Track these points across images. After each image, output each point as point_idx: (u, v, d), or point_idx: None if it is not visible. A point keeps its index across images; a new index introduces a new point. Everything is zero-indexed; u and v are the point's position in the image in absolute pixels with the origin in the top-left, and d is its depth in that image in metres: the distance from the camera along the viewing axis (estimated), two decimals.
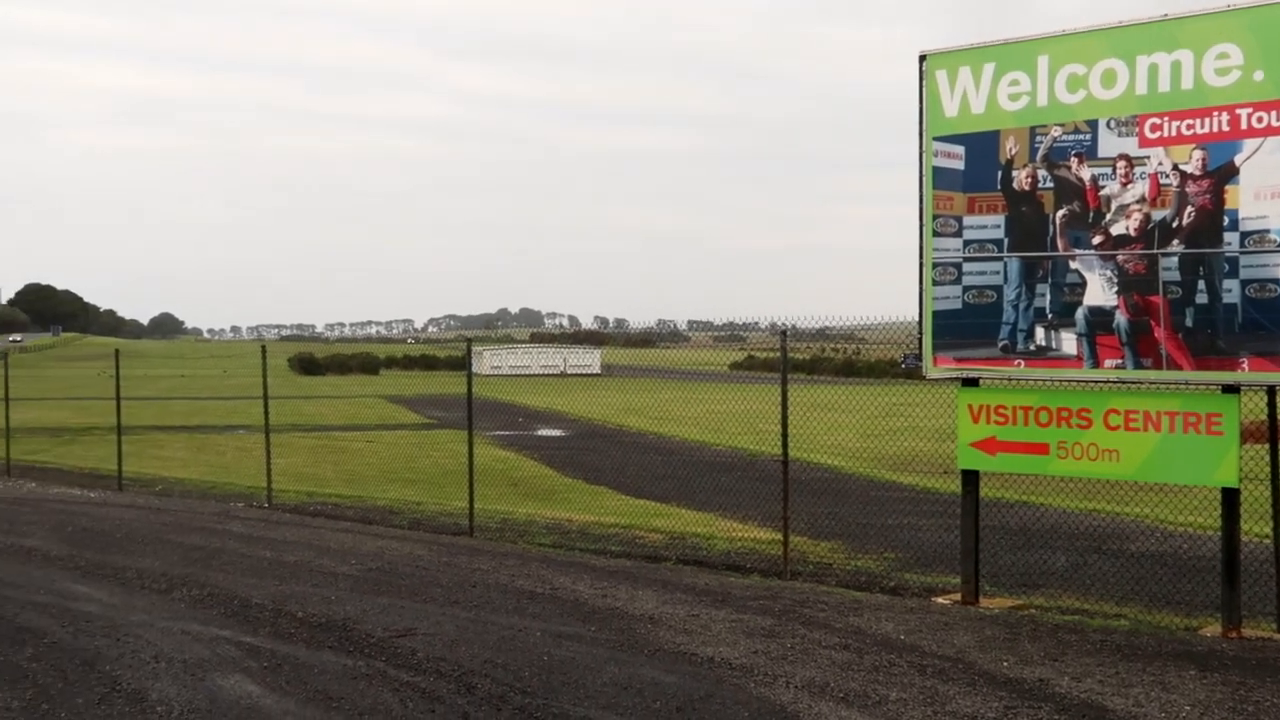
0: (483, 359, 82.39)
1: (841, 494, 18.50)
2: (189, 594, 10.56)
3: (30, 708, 7.16)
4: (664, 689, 7.46)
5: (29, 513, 16.58)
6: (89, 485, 21.44)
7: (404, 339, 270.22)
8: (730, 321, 47.77)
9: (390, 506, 18.19)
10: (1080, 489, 15.52)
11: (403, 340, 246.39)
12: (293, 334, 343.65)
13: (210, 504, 18.43)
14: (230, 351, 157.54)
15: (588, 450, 28.97)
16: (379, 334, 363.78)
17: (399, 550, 13.29)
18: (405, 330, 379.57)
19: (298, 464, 25.28)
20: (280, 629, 9.15)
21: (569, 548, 13.95)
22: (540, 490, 20.64)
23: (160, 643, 8.69)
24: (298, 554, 12.86)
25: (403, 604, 10.13)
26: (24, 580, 11.28)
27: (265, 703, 7.21)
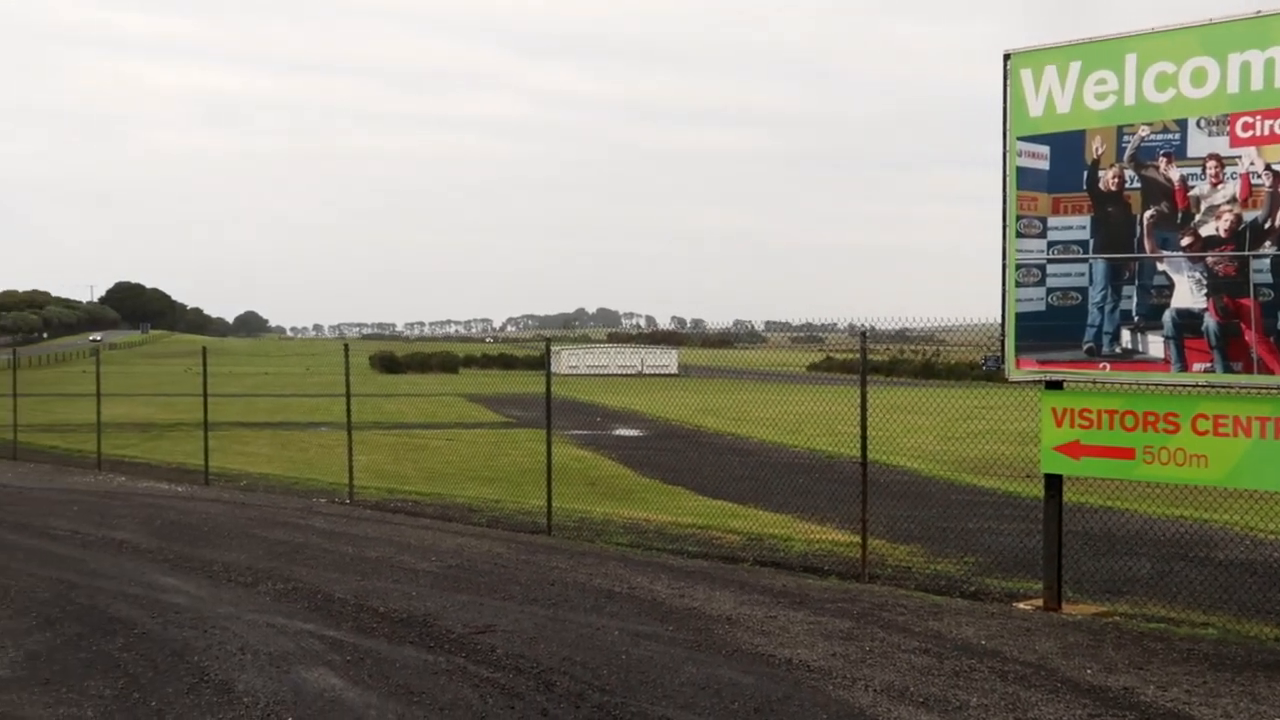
0: (560, 359, 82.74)
1: (920, 497, 18.35)
2: (274, 588, 10.74)
3: (122, 696, 7.34)
4: (742, 690, 7.45)
5: (119, 506, 16.96)
6: (176, 480, 21.87)
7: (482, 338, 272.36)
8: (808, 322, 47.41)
9: (469, 504, 18.34)
10: (1166, 494, 15.22)
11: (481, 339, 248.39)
12: (373, 332, 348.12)
13: (293, 500, 18.72)
14: (312, 349, 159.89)
15: (665, 450, 28.98)
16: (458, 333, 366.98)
17: (478, 548, 13.41)
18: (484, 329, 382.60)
19: (378, 461, 25.58)
20: (362, 623, 9.28)
21: (646, 547, 13.98)
22: (617, 490, 20.69)
23: (246, 635, 8.86)
24: (379, 550, 13.02)
25: (482, 601, 10.22)
26: (115, 572, 11.56)
27: (348, 696, 7.32)
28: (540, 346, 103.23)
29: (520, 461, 25.46)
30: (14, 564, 11.98)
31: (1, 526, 14.72)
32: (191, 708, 7.10)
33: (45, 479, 21.52)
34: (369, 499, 18.63)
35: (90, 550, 12.90)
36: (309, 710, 7.04)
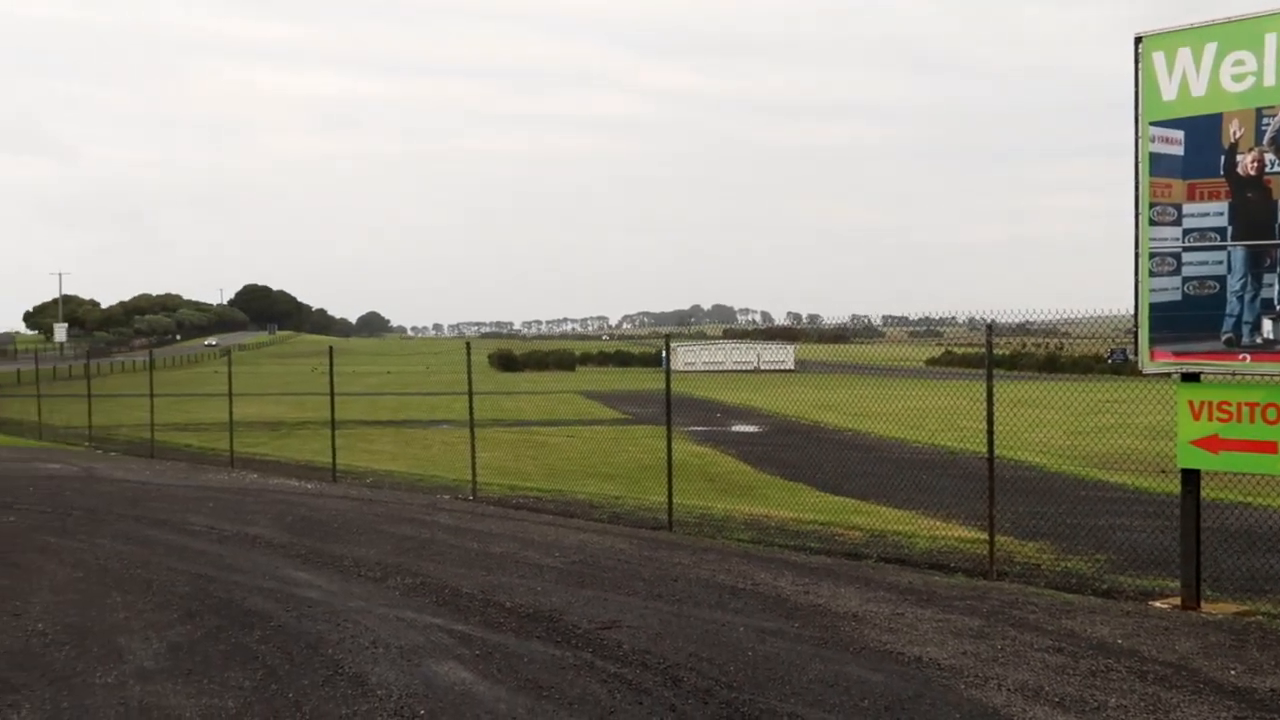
0: (676, 355, 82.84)
1: (1047, 493, 17.96)
2: (402, 582, 10.91)
3: (261, 687, 7.51)
4: (871, 687, 7.35)
5: (252, 502, 17.40)
6: (305, 477, 22.36)
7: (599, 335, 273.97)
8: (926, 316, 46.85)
9: (590, 500, 18.44)
10: None
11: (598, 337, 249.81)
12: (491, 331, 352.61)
13: (418, 496, 19.01)
14: (433, 348, 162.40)
15: (783, 446, 28.83)
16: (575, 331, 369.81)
17: (600, 544, 13.47)
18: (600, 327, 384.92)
19: (499, 458, 25.86)
20: (490, 618, 9.37)
21: (768, 543, 13.90)
22: (737, 486, 20.63)
23: (377, 629, 9.01)
24: (503, 546, 13.15)
25: (606, 596, 10.25)
26: (250, 566, 11.85)
27: (478, 689, 7.39)
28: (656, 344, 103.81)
29: (639, 458, 25.53)
30: (155, 558, 12.36)
31: (142, 522, 15.20)
32: (327, 699, 7.23)
33: (181, 476, 22.18)
34: (491, 495, 18.84)
35: (226, 545, 13.25)
36: (441, 703, 7.12)
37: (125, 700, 7.27)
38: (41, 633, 9.07)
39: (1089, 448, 23.57)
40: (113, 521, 15.27)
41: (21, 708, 7.16)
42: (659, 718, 6.82)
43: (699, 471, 22.15)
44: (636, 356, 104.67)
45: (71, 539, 13.77)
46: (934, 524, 15.31)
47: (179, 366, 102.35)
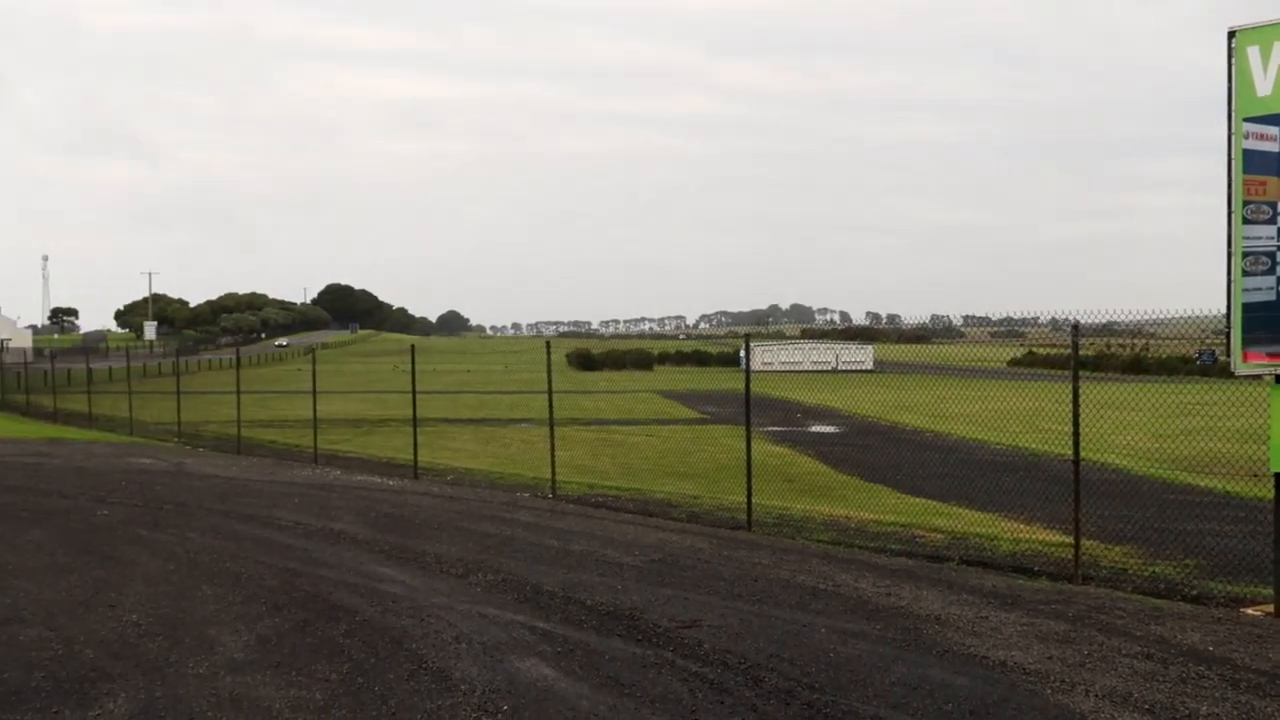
0: (754, 355, 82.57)
1: (1133, 496, 17.64)
2: (484, 579, 11.00)
3: (347, 680, 7.61)
4: (954, 691, 7.27)
5: (336, 498, 17.64)
6: (387, 473, 22.62)
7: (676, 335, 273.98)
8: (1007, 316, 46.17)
9: (668, 500, 18.44)
10: None
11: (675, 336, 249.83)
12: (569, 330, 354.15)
13: (498, 494, 19.15)
14: (511, 347, 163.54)
15: (862, 447, 28.62)
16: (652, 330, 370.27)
17: (679, 543, 13.47)
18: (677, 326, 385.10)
19: (578, 456, 25.96)
20: (571, 615, 9.41)
21: (848, 545, 13.81)
22: (816, 486, 20.51)
23: (460, 625, 9.09)
24: (583, 544, 13.20)
25: (686, 596, 10.25)
26: (335, 561, 12.01)
27: (560, 686, 7.43)
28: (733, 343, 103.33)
29: (717, 457, 25.49)
30: (243, 552, 12.58)
31: (230, 517, 15.47)
32: (412, 694, 7.31)
33: (267, 472, 22.54)
34: (570, 494, 18.92)
35: (311, 540, 13.45)
36: (523, 699, 7.16)
37: (216, 691, 7.40)
38: (136, 623, 9.27)
39: (1176, 451, 23.09)
40: (202, 516, 15.57)
41: (117, 696, 7.33)
42: (741, 718, 6.81)
43: (777, 472, 22.06)
44: (714, 356, 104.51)
45: (163, 532, 14.06)
46: (1017, 527, 15.11)
47: (264, 364, 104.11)
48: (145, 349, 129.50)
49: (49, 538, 13.67)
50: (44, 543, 13.32)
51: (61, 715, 6.98)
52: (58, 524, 14.80)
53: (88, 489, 18.71)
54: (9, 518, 15.37)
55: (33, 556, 12.39)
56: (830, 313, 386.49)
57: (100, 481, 20.01)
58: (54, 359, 52.24)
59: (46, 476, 20.98)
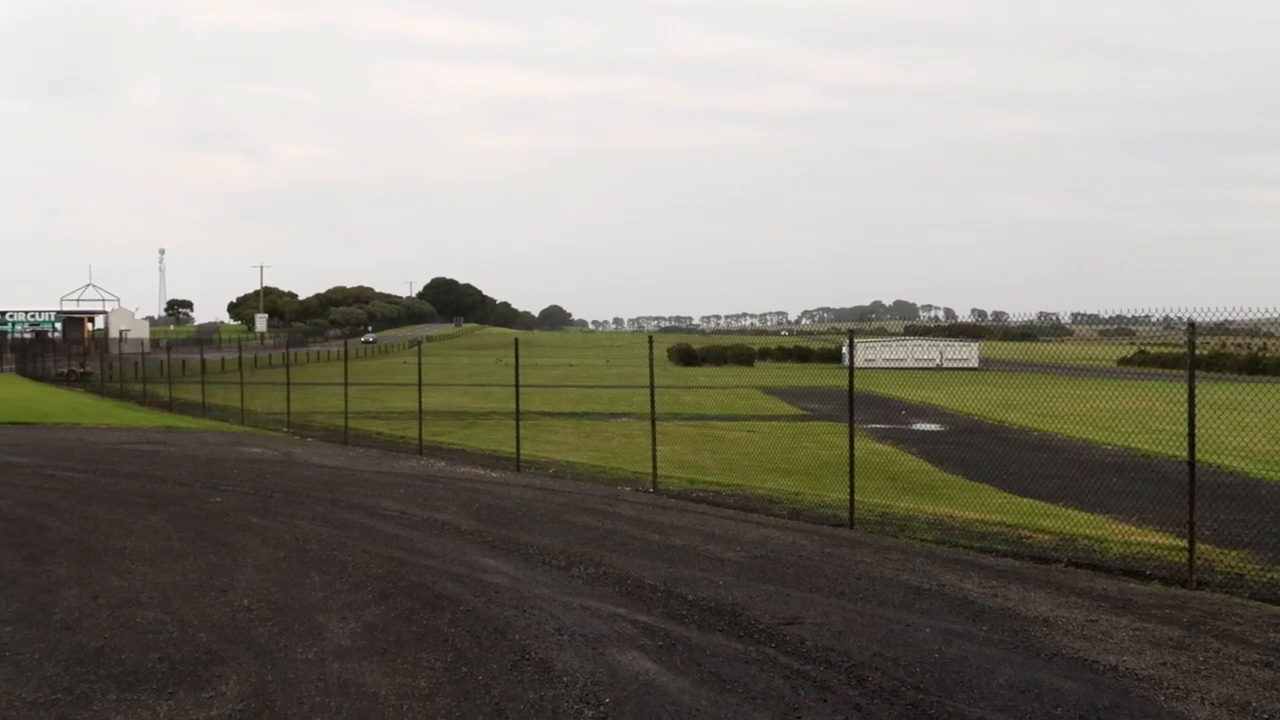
0: (856, 351, 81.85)
1: (1250, 500, 17.12)
2: (586, 571, 11.05)
3: (451, 669, 7.70)
4: (1064, 695, 7.12)
5: (440, 489, 17.85)
6: (490, 466, 22.83)
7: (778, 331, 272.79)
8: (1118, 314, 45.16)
9: (769, 496, 18.34)
10: None
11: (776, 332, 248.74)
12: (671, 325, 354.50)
13: (599, 487, 19.22)
14: (613, 342, 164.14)
15: (967, 446, 28.19)
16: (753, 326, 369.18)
17: (781, 539, 13.39)
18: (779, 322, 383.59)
19: (679, 451, 25.95)
20: (672, 610, 9.41)
21: (952, 544, 13.60)
22: (919, 485, 20.25)
23: (562, 616, 9.14)
24: (684, 538, 13.19)
25: (788, 592, 10.18)
26: (440, 551, 12.16)
27: (661, 680, 7.42)
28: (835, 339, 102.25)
29: (818, 454, 25.30)
30: (350, 541, 12.79)
31: (337, 506, 15.75)
32: (515, 684, 7.37)
33: (373, 463, 22.90)
34: (671, 488, 18.92)
35: (416, 530, 13.63)
36: (625, 692, 7.18)
37: (325, 676, 7.54)
38: (247, 608, 9.48)
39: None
40: (310, 504, 15.87)
41: (229, 679, 7.50)
42: (844, 717, 6.75)
43: (880, 469, 21.83)
44: (815, 352, 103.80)
45: (273, 520, 14.36)
46: (1128, 529, 14.76)
47: (370, 356, 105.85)
48: (256, 341, 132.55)
49: (165, 523, 14.05)
50: (160, 528, 13.68)
51: (177, 696, 7.17)
52: (173, 510, 15.20)
53: (201, 477, 19.18)
54: (127, 503, 15.83)
55: (149, 541, 12.74)
56: (934, 309, 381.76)
57: (213, 469, 20.50)
58: (170, 350, 53.67)
59: (162, 464, 21.56)
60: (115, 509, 15.25)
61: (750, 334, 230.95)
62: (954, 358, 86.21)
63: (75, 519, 14.39)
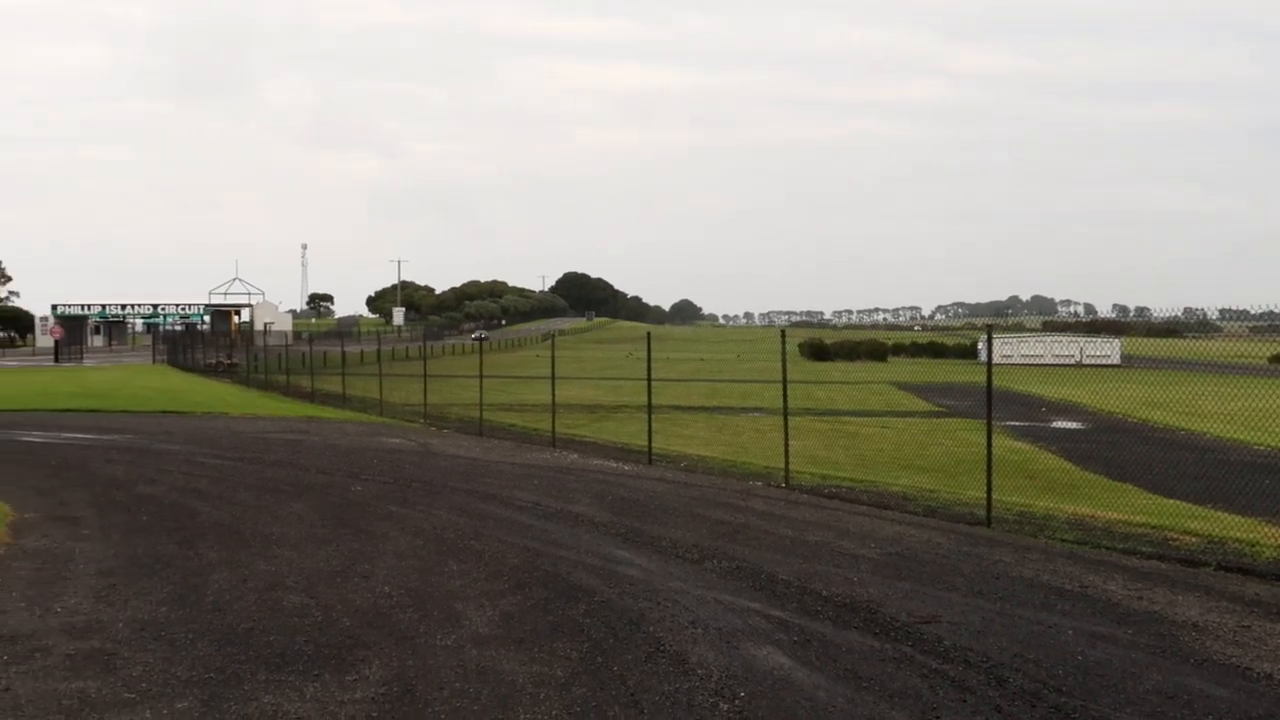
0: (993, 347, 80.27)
1: None
2: (719, 565, 11.04)
3: (587, 659, 7.77)
4: (1215, 703, 6.89)
5: (573, 481, 18.02)
6: (621, 459, 22.96)
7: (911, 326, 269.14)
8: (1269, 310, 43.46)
9: (904, 493, 18.09)
10: None
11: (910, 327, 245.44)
12: (802, 320, 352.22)
13: (731, 482, 19.18)
14: (744, 336, 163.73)
15: (1108, 444, 27.44)
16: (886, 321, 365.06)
17: (916, 537, 13.21)
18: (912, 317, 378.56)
19: (810, 447, 25.76)
20: (806, 606, 9.35)
21: (1094, 545, 13.24)
22: (1058, 484, 19.77)
23: (696, 609, 9.15)
24: (817, 534, 13.10)
25: (925, 590, 10.04)
26: (574, 542, 12.28)
27: (797, 676, 7.38)
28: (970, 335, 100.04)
29: (954, 451, 24.88)
30: (486, 530, 12.99)
31: (473, 496, 16.01)
32: (650, 675, 7.40)
33: (508, 454, 23.22)
34: (804, 484, 18.79)
35: (550, 521, 13.78)
36: (760, 686, 7.16)
37: (463, 663, 7.67)
38: (388, 594, 9.70)
39: None
40: (447, 494, 16.16)
41: (372, 663, 7.68)
42: (984, 718, 6.63)
43: (1017, 468, 21.37)
44: (950, 348, 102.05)
45: (411, 509, 14.66)
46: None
47: (504, 350, 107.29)
48: (394, 334, 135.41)
49: (308, 510, 14.45)
50: (304, 515, 14.08)
51: (322, 678, 7.36)
52: (316, 498, 15.62)
53: (342, 466, 19.68)
54: (273, 490, 16.32)
55: (294, 527, 13.12)
56: (1073, 304, 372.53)
57: (353, 459, 21.01)
58: (311, 342, 55.18)
59: (305, 453, 22.18)
60: (262, 496, 15.73)
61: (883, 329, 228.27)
62: (1094, 354, 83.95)
63: (224, 505, 14.89)
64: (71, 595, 9.70)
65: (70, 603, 9.43)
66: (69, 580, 10.31)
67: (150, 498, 15.55)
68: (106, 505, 14.81)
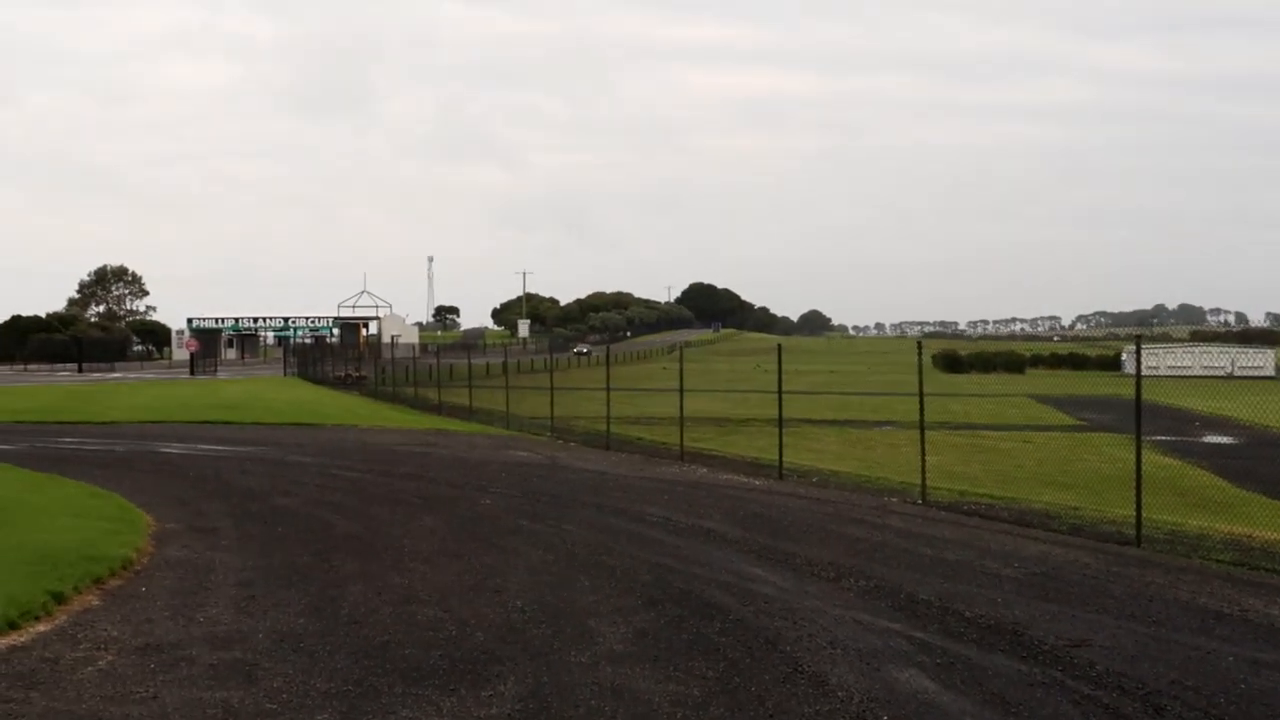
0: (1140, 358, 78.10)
1: None
2: (856, 584, 10.94)
3: (724, 679, 7.76)
4: None
5: (703, 496, 18.02)
6: (752, 473, 22.88)
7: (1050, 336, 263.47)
8: None
9: (1046, 510, 17.70)
10: None
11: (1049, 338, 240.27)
12: (935, 330, 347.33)
13: (865, 497, 18.99)
14: (875, 348, 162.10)
15: (1266, 460, 26.50)
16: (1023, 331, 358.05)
17: (1062, 556, 12.92)
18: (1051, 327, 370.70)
19: (947, 462, 25.39)
20: (949, 627, 9.20)
21: (1253, 566, 12.79)
22: (1212, 501, 19.15)
23: (834, 630, 9.07)
24: (958, 553, 12.90)
25: (1073, 612, 9.81)
26: (706, 559, 12.28)
27: (942, 700, 7.27)
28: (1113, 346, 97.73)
29: (1098, 467, 24.28)
30: (617, 545, 13.06)
31: (603, 511, 16.11)
32: (789, 697, 7.35)
33: (635, 468, 23.32)
34: (941, 500, 18.51)
35: (681, 537, 13.80)
36: (904, 711, 7.06)
37: (598, 680, 7.72)
38: (520, 609, 9.81)
39: None
40: (576, 509, 16.29)
41: (507, 679, 7.77)
42: None
43: (1167, 484, 20.75)
44: (1092, 360, 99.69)
45: (541, 523, 14.81)
46: None
47: (630, 362, 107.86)
48: (519, 346, 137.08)
49: (439, 524, 14.70)
50: (435, 528, 14.33)
51: (458, 693, 7.48)
52: (446, 511, 15.89)
53: (471, 479, 19.98)
54: (404, 503, 16.63)
55: (426, 541, 13.36)
56: (1224, 313, 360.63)
57: (482, 472, 21.32)
58: (438, 354, 56.11)
59: (434, 466, 22.57)
60: (393, 508, 16.06)
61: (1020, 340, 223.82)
62: (1247, 366, 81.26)
63: (357, 517, 15.23)
64: (213, 605, 10.01)
65: (212, 613, 9.73)
66: (210, 590, 10.65)
67: (285, 509, 15.98)
68: (243, 517, 15.26)
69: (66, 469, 20.51)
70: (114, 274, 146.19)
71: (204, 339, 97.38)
